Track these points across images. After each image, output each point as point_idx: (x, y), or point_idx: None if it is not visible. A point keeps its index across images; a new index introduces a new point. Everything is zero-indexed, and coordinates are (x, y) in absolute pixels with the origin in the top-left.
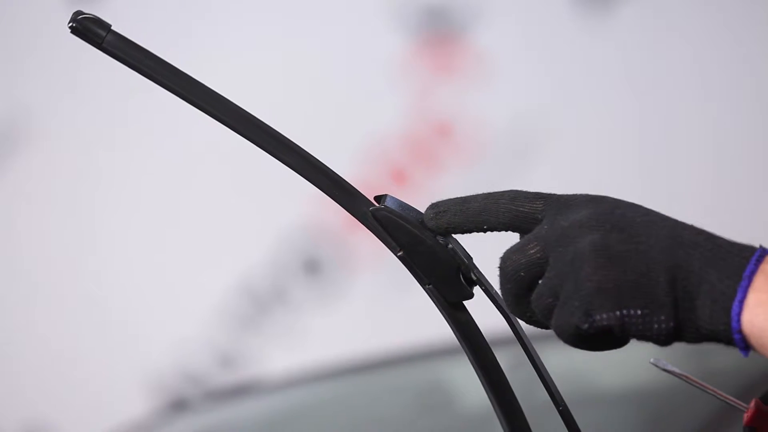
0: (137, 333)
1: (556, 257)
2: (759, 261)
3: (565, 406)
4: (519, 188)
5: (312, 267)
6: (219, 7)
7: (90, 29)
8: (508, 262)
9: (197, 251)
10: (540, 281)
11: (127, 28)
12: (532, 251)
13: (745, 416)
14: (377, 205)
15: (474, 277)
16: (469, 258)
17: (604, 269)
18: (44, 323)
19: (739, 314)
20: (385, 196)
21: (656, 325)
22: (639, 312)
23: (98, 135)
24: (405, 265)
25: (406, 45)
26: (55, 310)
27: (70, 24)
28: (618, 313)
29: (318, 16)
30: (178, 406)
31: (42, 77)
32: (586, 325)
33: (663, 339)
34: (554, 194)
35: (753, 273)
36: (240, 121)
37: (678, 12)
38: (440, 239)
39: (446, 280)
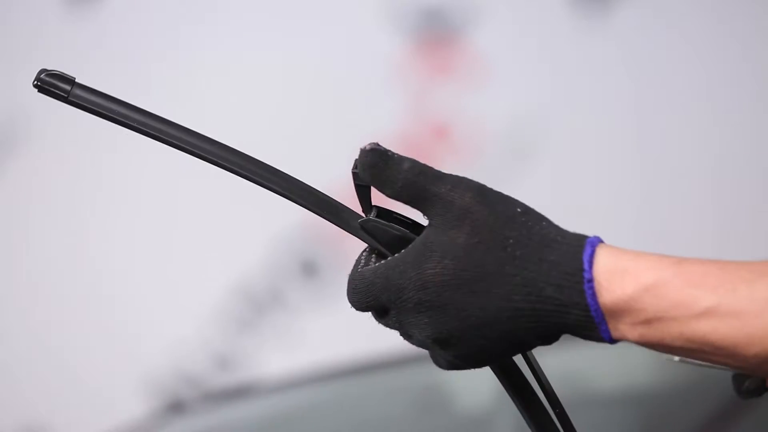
0: (134, 334)
1: (406, 330)
2: (591, 260)
3: (561, 408)
4: (516, 186)
5: (309, 269)
6: (217, 8)
7: (54, 85)
8: (353, 300)
9: (194, 253)
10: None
11: (125, 29)
12: (387, 322)
13: None
14: (365, 216)
15: None
16: None
17: (455, 357)
18: (41, 325)
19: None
20: (373, 207)
21: None
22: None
23: (97, 137)
24: None
25: (403, 46)
26: (53, 312)
27: (35, 82)
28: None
29: (315, 16)
30: (176, 407)
31: None
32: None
33: None
34: (389, 274)
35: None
36: (218, 155)
37: (678, 11)
38: None
39: None
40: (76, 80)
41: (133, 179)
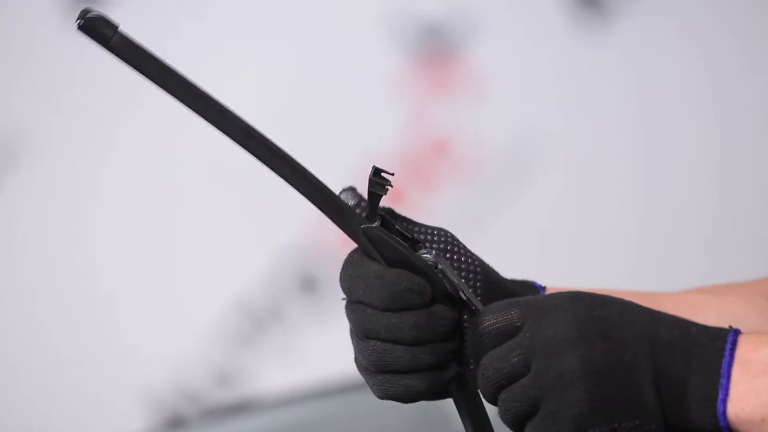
0: (133, 350)
1: (540, 369)
2: (733, 350)
3: None
4: (517, 203)
5: (309, 285)
6: (216, 18)
7: (97, 28)
8: (490, 370)
9: (194, 268)
10: (515, 385)
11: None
12: (515, 360)
13: None
14: (369, 223)
15: (464, 298)
16: (459, 279)
17: (596, 387)
18: (40, 339)
19: (724, 412)
20: (379, 216)
21: None
22: (631, 424)
23: (96, 148)
24: None
25: (403, 62)
26: (51, 327)
27: (78, 21)
28: (610, 428)
29: (315, 30)
30: (175, 423)
31: (40, 87)
32: None
33: None
34: (528, 299)
35: (730, 366)
36: (238, 132)
37: (679, 22)
38: (430, 261)
39: (437, 301)
40: (119, 29)
41: (132, 193)
